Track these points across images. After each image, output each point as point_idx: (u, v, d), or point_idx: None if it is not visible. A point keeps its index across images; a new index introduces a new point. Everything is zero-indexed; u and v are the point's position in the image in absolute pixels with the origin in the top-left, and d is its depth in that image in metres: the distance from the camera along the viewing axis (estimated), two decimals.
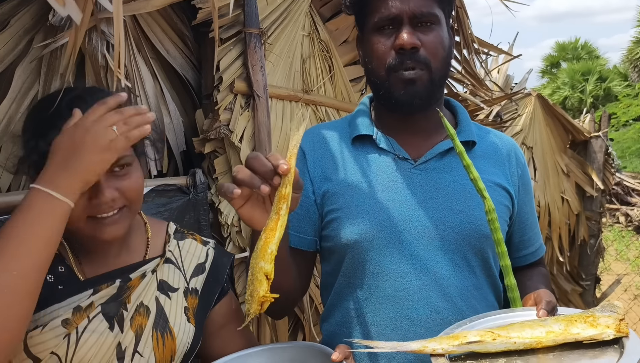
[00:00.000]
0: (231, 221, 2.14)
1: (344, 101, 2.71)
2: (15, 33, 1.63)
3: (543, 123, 4.39)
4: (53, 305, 1.06)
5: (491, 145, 1.43)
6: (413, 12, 1.23)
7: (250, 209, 1.06)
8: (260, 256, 0.98)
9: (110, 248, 1.16)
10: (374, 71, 1.31)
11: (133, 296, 1.15)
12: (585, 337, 1.01)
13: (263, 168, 1.00)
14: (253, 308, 0.97)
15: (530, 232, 1.47)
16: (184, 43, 2.17)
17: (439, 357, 1.04)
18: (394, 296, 1.27)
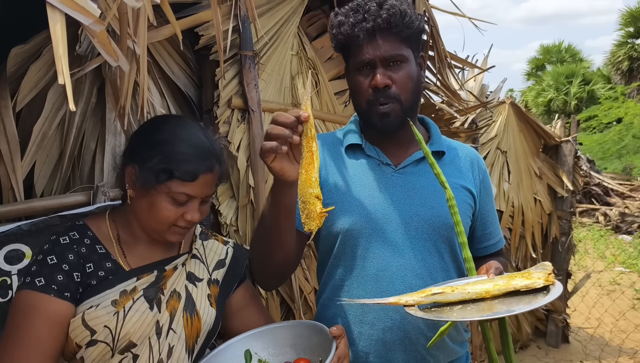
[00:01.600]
0: (229, 222, 2.41)
1: (330, 112, 2.98)
2: (47, 62, 1.89)
3: (516, 129, 4.69)
4: (105, 291, 1.31)
5: (457, 155, 1.72)
6: (384, 56, 1.50)
7: (280, 163, 1.28)
8: (307, 185, 1.25)
9: (156, 244, 1.44)
10: (357, 103, 1.60)
11: (168, 283, 1.41)
12: (522, 286, 1.30)
13: (289, 120, 1.24)
14: (314, 225, 1.25)
15: (490, 227, 1.76)
16: (187, 64, 2.44)
17: (411, 307, 1.34)
18: (377, 275, 1.55)
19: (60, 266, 1.28)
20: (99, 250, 1.36)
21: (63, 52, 0.84)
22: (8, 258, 1.69)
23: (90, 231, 1.38)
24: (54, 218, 1.76)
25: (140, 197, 1.35)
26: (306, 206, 1.27)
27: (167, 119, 1.46)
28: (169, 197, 1.33)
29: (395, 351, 1.54)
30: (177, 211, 1.34)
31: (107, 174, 2.01)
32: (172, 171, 1.31)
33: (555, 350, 5.04)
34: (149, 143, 1.36)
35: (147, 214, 1.35)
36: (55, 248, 1.31)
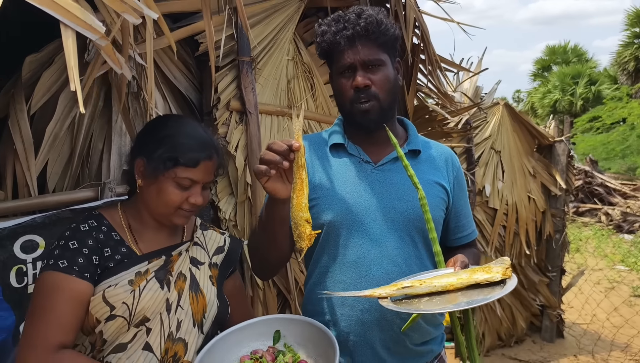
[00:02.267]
0: (228, 217, 2.58)
1: (325, 114, 3.14)
2: (58, 69, 2.07)
3: (510, 129, 4.82)
4: (121, 272, 1.49)
5: (432, 153, 1.87)
6: (363, 60, 1.66)
7: (273, 183, 1.45)
8: (298, 209, 1.43)
9: (163, 231, 1.62)
10: (341, 103, 1.76)
11: (175, 266, 1.59)
12: (482, 280, 1.45)
13: (281, 148, 1.40)
14: (305, 244, 1.43)
15: (464, 220, 1.90)
16: (188, 69, 2.60)
17: (384, 299, 1.49)
18: (356, 262, 1.70)
19: (81, 250, 1.45)
20: (115, 237, 1.54)
21: (74, 63, 1.00)
22: (24, 247, 1.86)
23: (105, 220, 1.56)
24: (65, 211, 1.94)
25: (149, 185, 1.53)
26: (297, 228, 1.44)
27: (170, 117, 1.66)
28: (174, 182, 1.51)
29: (372, 330, 1.69)
30: (182, 195, 1.52)
31: (113, 172, 2.18)
32: (177, 158, 1.49)
33: (550, 345, 5.17)
34: (156, 137, 1.54)
35: (156, 199, 1.53)
36: (76, 234, 1.48)
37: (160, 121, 1.64)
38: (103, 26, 1.11)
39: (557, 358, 4.90)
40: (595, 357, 4.91)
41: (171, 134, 1.54)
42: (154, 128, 1.59)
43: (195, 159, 1.51)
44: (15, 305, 1.84)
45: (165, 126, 1.57)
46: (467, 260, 1.60)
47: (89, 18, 1.09)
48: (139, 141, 1.60)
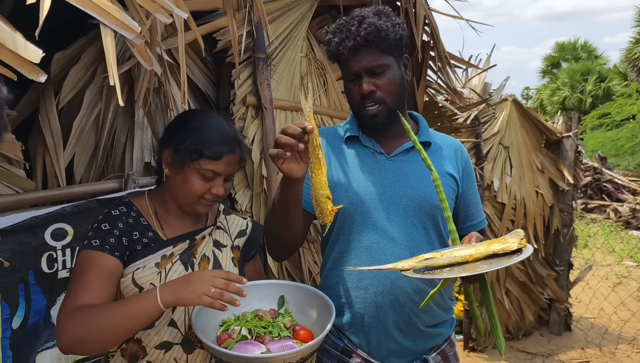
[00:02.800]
0: (245, 208, 2.67)
1: (337, 109, 3.22)
2: (84, 65, 2.16)
3: (518, 125, 4.89)
4: (148, 255, 1.60)
5: (442, 145, 1.96)
6: (366, 67, 1.74)
7: (289, 164, 1.52)
8: (318, 187, 1.51)
9: (187, 217, 1.72)
10: (351, 105, 1.85)
11: (199, 249, 1.69)
12: (499, 249, 1.51)
13: (296, 131, 1.47)
14: (327, 220, 1.51)
15: (473, 209, 1.99)
16: (206, 66, 2.69)
17: (407, 271, 1.56)
18: (370, 247, 1.79)
19: (112, 231, 1.57)
20: (142, 222, 1.64)
21: (113, 60, 1.09)
22: (54, 235, 1.96)
23: (134, 206, 1.66)
24: (92, 201, 2.04)
25: (175, 174, 1.63)
26: (319, 205, 1.52)
27: (197, 112, 1.75)
28: (198, 173, 1.61)
29: (386, 312, 1.78)
30: (205, 185, 1.62)
31: (135, 164, 2.28)
32: (202, 151, 1.59)
33: (557, 338, 5.24)
34: (183, 130, 1.64)
35: (181, 188, 1.63)
36: (108, 218, 1.60)
37: (188, 114, 1.74)
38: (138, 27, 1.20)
39: (565, 351, 4.96)
40: (603, 349, 4.98)
41: (197, 127, 1.63)
42: (182, 121, 1.68)
43: (219, 153, 1.60)
44: (46, 289, 1.95)
45: (193, 119, 1.66)
46: (481, 236, 1.68)
47: (125, 18, 1.18)
48: (168, 133, 1.70)
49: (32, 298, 1.91)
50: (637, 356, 4.87)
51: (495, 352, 4.96)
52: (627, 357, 4.86)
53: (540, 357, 4.85)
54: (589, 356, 4.87)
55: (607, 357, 4.86)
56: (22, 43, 0.96)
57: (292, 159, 1.53)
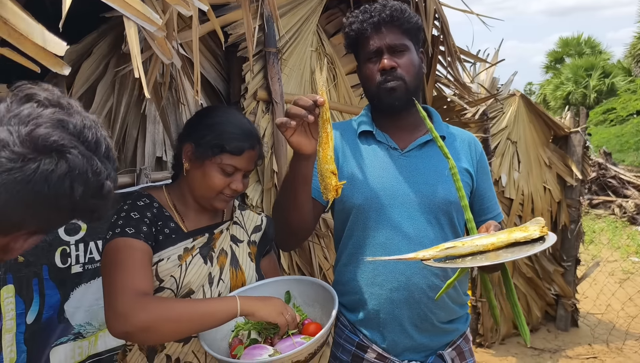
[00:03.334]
0: (255, 203, 2.66)
1: (347, 104, 3.21)
2: (96, 59, 2.15)
3: (526, 120, 4.87)
4: (170, 247, 1.59)
5: (456, 139, 1.94)
6: (389, 44, 1.76)
7: (298, 137, 1.54)
8: (324, 161, 1.50)
9: (205, 212, 1.72)
10: (368, 87, 1.84)
11: (217, 243, 1.70)
12: (521, 237, 1.48)
13: (307, 103, 1.47)
14: (331, 195, 1.50)
15: (488, 203, 1.97)
16: (217, 60, 2.68)
17: (428, 260, 1.55)
18: (385, 244, 1.78)
19: (143, 220, 1.57)
20: (165, 213, 1.65)
21: (137, 51, 1.08)
22: (67, 230, 1.95)
23: (155, 199, 1.67)
24: None
25: (195, 169, 1.63)
26: (324, 180, 1.51)
27: (218, 108, 1.78)
28: (219, 168, 1.61)
29: (401, 308, 1.77)
30: (225, 180, 1.62)
31: (147, 159, 2.27)
32: (224, 146, 1.60)
33: (564, 334, 5.23)
34: (205, 124, 1.65)
35: (200, 182, 1.63)
36: (136, 207, 1.60)
37: (210, 110, 1.75)
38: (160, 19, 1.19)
39: (572, 347, 4.96)
40: (610, 345, 4.97)
41: (219, 122, 1.64)
42: (204, 116, 1.69)
43: (240, 148, 1.61)
44: (60, 284, 1.94)
45: (214, 115, 1.68)
46: (498, 225, 1.67)
47: (147, 11, 1.17)
48: (189, 128, 1.70)
49: (46, 293, 1.90)
50: None
51: (502, 347, 4.96)
52: (634, 352, 4.84)
53: (547, 353, 4.84)
54: (596, 352, 4.86)
55: (615, 353, 4.85)
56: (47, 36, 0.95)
57: (301, 133, 1.54)
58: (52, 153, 0.83)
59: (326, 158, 1.50)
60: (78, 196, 0.86)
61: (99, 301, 2.02)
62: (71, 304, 1.97)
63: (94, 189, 0.89)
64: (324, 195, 1.53)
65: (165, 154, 2.36)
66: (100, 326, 2.07)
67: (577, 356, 4.78)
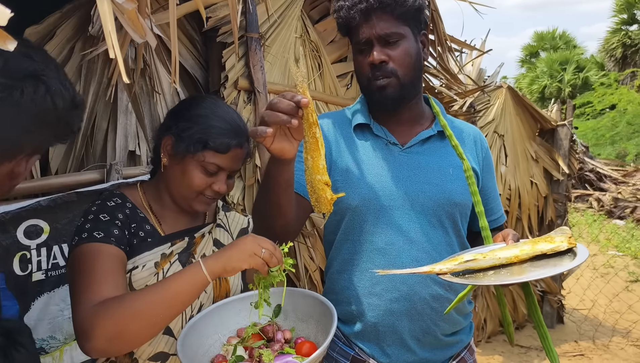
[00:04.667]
0: (236, 201, 2.47)
1: (332, 95, 3.03)
2: (60, 41, 1.94)
3: (513, 113, 4.74)
4: (145, 252, 1.40)
5: (461, 133, 1.77)
6: (379, 34, 1.55)
7: (280, 143, 1.26)
8: (315, 172, 1.27)
9: (184, 214, 1.53)
10: (360, 82, 1.66)
11: (198, 249, 1.51)
12: (548, 250, 1.32)
13: (288, 107, 1.21)
14: (325, 210, 1.29)
15: (492, 203, 1.81)
16: (194, 46, 2.48)
17: (445, 274, 1.36)
18: (384, 249, 1.60)
19: (114, 222, 1.37)
20: (139, 214, 1.45)
21: (112, 28, 0.88)
22: (27, 233, 1.74)
23: (128, 198, 1.47)
24: (71, 194, 1.82)
25: (175, 165, 1.45)
26: (316, 192, 1.29)
27: (204, 98, 1.58)
28: (201, 166, 1.42)
29: (402, 321, 1.60)
30: (207, 180, 1.44)
31: (119, 153, 2.06)
32: (208, 141, 1.41)
33: (550, 330, 5.13)
34: (187, 116, 1.46)
35: (179, 181, 1.44)
36: (106, 209, 1.39)
37: (195, 100, 1.54)
38: None
39: (558, 344, 4.86)
40: (596, 342, 4.89)
41: (205, 115, 1.45)
42: (188, 107, 1.50)
43: (226, 145, 1.42)
44: (19, 294, 1.73)
45: (200, 106, 1.48)
46: (517, 234, 1.49)
47: None
48: (170, 119, 1.51)
49: (2, 304, 1.69)
50: (630, 349, 4.79)
51: (488, 345, 4.84)
52: (620, 349, 4.77)
53: (534, 350, 4.74)
54: (583, 349, 4.78)
55: (601, 350, 4.77)
56: None
57: (282, 137, 1.27)
58: (30, 78, 0.98)
59: (317, 168, 1.27)
60: (60, 110, 1.03)
61: (64, 311, 1.82)
62: (32, 316, 1.77)
63: (70, 102, 1.05)
64: (316, 208, 1.31)
65: (138, 147, 2.16)
66: (66, 339, 1.86)
67: (564, 354, 4.69)
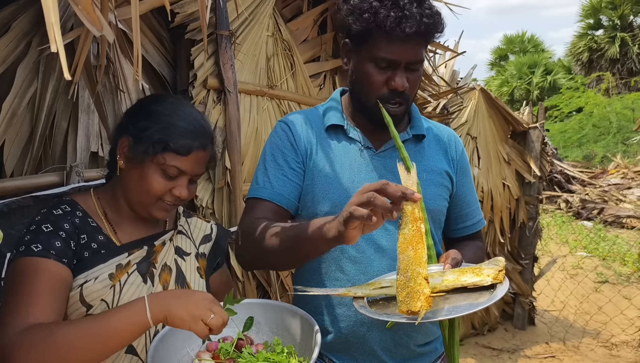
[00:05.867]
0: (205, 204, 2.38)
1: (305, 95, 2.96)
2: (15, 36, 1.81)
3: (486, 115, 4.73)
4: (99, 264, 1.30)
5: (435, 137, 1.70)
6: (409, 60, 1.46)
7: (359, 231, 1.19)
8: (417, 264, 1.17)
9: (142, 221, 1.43)
10: (364, 95, 1.54)
11: (159, 258, 1.41)
12: (470, 283, 1.28)
13: (396, 193, 1.15)
14: (417, 306, 1.15)
15: (467, 208, 1.74)
16: (161, 43, 2.37)
17: (359, 299, 1.32)
18: (356, 257, 1.53)
19: (57, 233, 1.26)
20: (91, 223, 1.35)
21: (55, 19, 0.79)
22: None
23: (79, 206, 1.36)
24: (26, 198, 1.70)
25: (131, 168, 1.35)
26: (409, 284, 1.18)
27: (166, 96, 1.51)
28: (160, 169, 1.33)
29: (372, 332, 1.54)
30: (167, 184, 1.35)
31: (80, 154, 1.95)
32: (168, 143, 1.31)
33: (522, 332, 5.15)
34: (146, 115, 1.36)
35: (136, 186, 1.35)
36: (50, 217, 1.29)
37: (155, 98, 1.45)
38: None
39: (530, 346, 4.87)
40: (567, 344, 4.91)
41: (164, 113, 1.35)
42: (147, 105, 1.40)
43: (187, 147, 1.33)
44: None
45: (160, 104, 1.38)
46: (459, 257, 1.42)
47: None
48: (128, 118, 1.41)
49: None
50: (600, 350, 4.82)
51: (461, 348, 4.78)
52: (590, 350, 4.81)
53: (506, 353, 4.74)
54: (554, 351, 4.79)
55: (572, 351, 4.79)
56: None
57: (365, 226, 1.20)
58: None
59: (419, 260, 1.18)
60: None
61: None
62: None
63: None
64: (403, 304, 1.18)
65: (101, 148, 2.05)
66: None
67: (536, 355, 4.70)
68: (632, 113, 15.90)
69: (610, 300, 5.63)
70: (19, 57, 1.83)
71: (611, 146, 15.13)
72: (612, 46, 23.84)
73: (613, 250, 8.17)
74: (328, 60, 3.17)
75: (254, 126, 2.62)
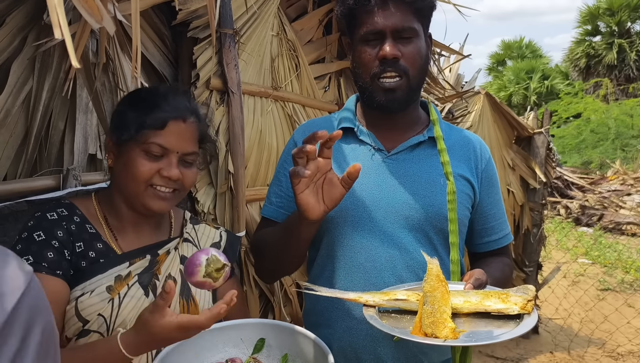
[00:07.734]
0: (207, 209, 2.28)
1: (309, 97, 2.87)
2: (10, 31, 1.72)
3: (491, 120, 4.65)
4: (97, 275, 1.20)
5: (458, 141, 1.60)
6: (395, 27, 1.39)
7: (307, 197, 1.23)
8: (443, 303, 1.14)
9: (144, 226, 1.32)
10: (361, 76, 1.48)
11: (162, 268, 1.32)
12: (494, 309, 1.16)
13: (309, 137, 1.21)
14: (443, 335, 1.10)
15: (493, 221, 1.61)
16: (162, 41, 2.28)
17: (370, 308, 1.22)
18: (365, 266, 1.44)
19: (50, 243, 1.17)
20: (89, 230, 1.26)
21: (58, 2, 0.70)
22: None
23: (78, 209, 1.27)
24: (20, 203, 1.61)
25: (119, 161, 1.29)
26: (435, 315, 1.13)
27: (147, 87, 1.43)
28: (142, 151, 1.26)
29: (385, 347, 1.45)
30: (152, 166, 1.27)
31: (77, 156, 1.86)
32: (145, 120, 1.26)
33: (525, 341, 5.06)
34: (126, 105, 1.32)
35: (124, 176, 1.28)
36: (43, 224, 1.20)
37: (136, 90, 1.39)
38: None
39: (534, 355, 4.79)
40: (572, 353, 4.82)
41: (141, 98, 1.31)
42: (126, 97, 1.36)
43: (162, 119, 1.25)
44: None
45: (138, 92, 1.34)
46: (484, 278, 1.31)
47: None
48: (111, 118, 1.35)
49: None
50: (606, 360, 4.74)
51: None
52: (596, 360, 4.72)
53: (510, 362, 4.65)
54: (559, 360, 4.71)
55: (576, 360, 4.71)
56: None
57: (312, 191, 1.24)
58: None
59: (446, 301, 1.15)
60: None
61: None
62: None
63: None
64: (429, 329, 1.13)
65: (100, 150, 1.95)
66: None
67: None
68: (630, 119, 15.86)
69: (617, 309, 5.54)
70: (14, 54, 1.73)
71: (609, 152, 15.08)
72: (610, 52, 23.87)
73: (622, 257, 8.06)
74: (333, 61, 3.09)
75: (257, 128, 2.53)
